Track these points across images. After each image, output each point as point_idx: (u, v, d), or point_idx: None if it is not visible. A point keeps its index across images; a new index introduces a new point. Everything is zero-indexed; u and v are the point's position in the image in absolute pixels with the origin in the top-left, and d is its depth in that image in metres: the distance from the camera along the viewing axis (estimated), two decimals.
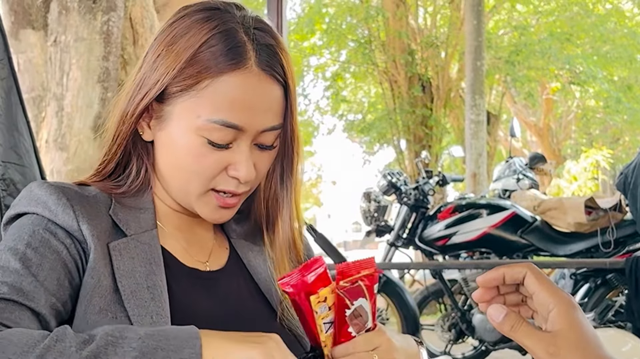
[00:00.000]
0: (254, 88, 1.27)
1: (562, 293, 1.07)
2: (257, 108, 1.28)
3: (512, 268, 1.12)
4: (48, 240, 1.22)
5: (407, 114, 15.84)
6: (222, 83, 1.26)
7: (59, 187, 1.27)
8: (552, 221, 5.69)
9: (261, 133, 1.30)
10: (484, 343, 5.77)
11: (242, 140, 1.29)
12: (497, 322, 1.08)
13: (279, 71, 1.30)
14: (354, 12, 17.04)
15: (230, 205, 1.34)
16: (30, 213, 1.26)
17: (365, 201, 6.32)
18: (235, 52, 1.26)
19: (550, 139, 20.27)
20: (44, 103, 4.96)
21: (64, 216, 1.24)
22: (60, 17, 4.91)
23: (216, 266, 1.40)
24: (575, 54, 16.89)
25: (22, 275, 1.16)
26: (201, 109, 1.26)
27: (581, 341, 1.03)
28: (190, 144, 1.28)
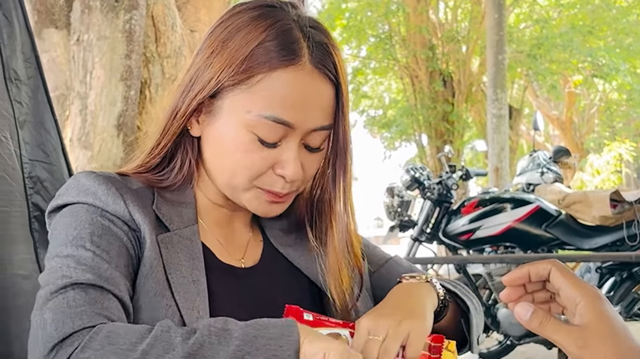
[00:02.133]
0: (307, 85, 1.27)
1: (588, 286, 1.07)
2: (309, 106, 1.28)
3: (537, 265, 1.12)
4: (109, 227, 1.23)
5: (429, 109, 15.82)
6: (275, 79, 1.25)
7: (107, 177, 1.28)
8: (577, 215, 5.66)
9: (310, 133, 1.30)
10: (509, 338, 5.74)
11: (291, 139, 1.28)
12: (524, 320, 1.07)
13: (331, 70, 1.30)
14: (374, 7, 17.00)
15: (281, 201, 1.34)
16: (81, 202, 1.26)
17: (389, 197, 6.30)
18: (289, 48, 1.26)
19: (572, 133, 20.16)
20: (68, 102, 4.99)
21: (115, 206, 1.25)
22: (82, 16, 4.94)
23: (251, 262, 1.40)
24: (598, 47, 16.78)
25: (97, 262, 1.18)
26: (252, 104, 1.26)
27: (610, 333, 1.02)
28: (239, 139, 1.27)
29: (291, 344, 1.07)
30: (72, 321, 1.09)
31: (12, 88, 1.98)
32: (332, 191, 1.39)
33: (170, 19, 5.32)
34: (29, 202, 2.01)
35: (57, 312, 1.11)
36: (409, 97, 16.63)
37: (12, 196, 1.95)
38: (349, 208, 1.41)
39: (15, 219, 1.95)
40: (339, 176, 1.38)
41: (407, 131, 17.57)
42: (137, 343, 1.05)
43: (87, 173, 1.29)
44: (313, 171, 1.36)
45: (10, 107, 1.97)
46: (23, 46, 2.08)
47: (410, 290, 1.35)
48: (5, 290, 1.87)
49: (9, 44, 2.00)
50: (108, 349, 1.05)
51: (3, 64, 1.97)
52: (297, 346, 1.07)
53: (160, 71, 5.23)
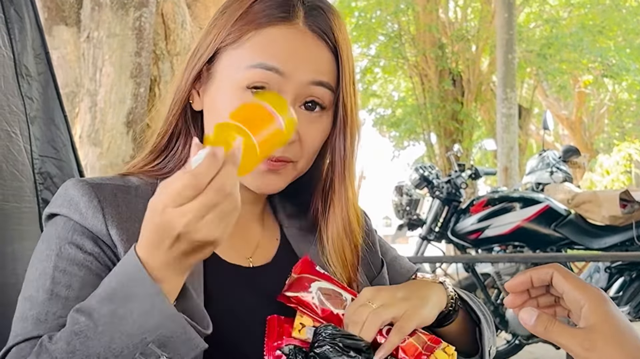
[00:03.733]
0: (298, 40, 1.25)
1: (591, 288, 1.07)
2: (301, 57, 1.24)
3: (538, 270, 1.12)
4: (74, 256, 1.19)
5: (438, 108, 15.80)
6: (265, 34, 1.24)
7: (94, 187, 1.24)
8: (586, 215, 5.65)
9: (306, 87, 1.25)
10: (518, 337, 5.73)
11: (284, 93, 1.23)
12: (530, 325, 1.08)
13: (328, 34, 1.27)
14: (383, 5, 16.99)
15: (277, 167, 1.26)
16: (62, 215, 1.23)
17: (397, 195, 6.30)
18: (283, 8, 1.25)
19: (582, 132, 20.11)
20: (78, 99, 5.00)
21: (93, 220, 1.21)
22: (93, 14, 4.94)
23: (262, 261, 1.35)
24: (608, 47, 16.74)
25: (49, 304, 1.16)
26: (242, 59, 1.24)
27: (616, 333, 1.02)
28: (232, 96, 1.24)
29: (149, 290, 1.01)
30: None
31: (23, 84, 1.99)
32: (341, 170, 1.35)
33: (180, 16, 5.33)
34: (39, 198, 2.01)
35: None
36: (418, 96, 16.61)
37: (22, 192, 1.95)
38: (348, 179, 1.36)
39: (25, 215, 1.95)
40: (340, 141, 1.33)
41: (416, 130, 17.56)
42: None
43: (76, 182, 1.25)
44: (312, 139, 1.29)
45: (22, 103, 1.97)
46: (34, 42, 2.08)
47: (420, 283, 1.35)
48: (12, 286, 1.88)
49: (20, 39, 2.00)
50: None
51: (15, 60, 1.97)
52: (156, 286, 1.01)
53: (169, 69, 5.23)
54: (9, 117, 1.93)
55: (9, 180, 1.91)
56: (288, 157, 1.26)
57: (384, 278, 1.48)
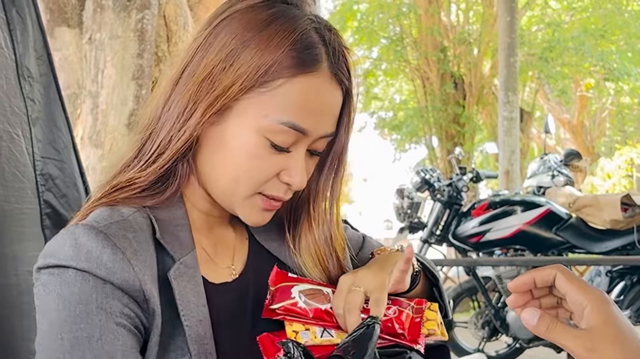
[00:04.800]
0: (325, 92, 1.22)
1: (593, 290, 1.07)
2: (324, 113, 1.23)
3: (541, 270, 1.12)
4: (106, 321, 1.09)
5: (439, 111, 15.81)
6: (296, 84, 1.18)
7: (109, 235, 1.13)
8: (587, 218, 5.64)
9: (317, 140, 1.24)
10: (518, 341, 5.73)
11: (301, 145, 1.23)
12: (532, 325, 1.08)
13: (345, 75, 1.25)
14: (385, 9, 17.00)
15: (274, 208, 1.27)
16: (80, 269, 1.10)
17: (399, 198, 6.30)
18: (311, 54, 1.20)
19: (584, 136, 20.11)
20: (79, 101, 5.00)
21: (123, 274, 1.10)
22: (95, 15, 4.95)
23: (241, 263, 1.33)
24: (610, 51, 16.74)
25: None
26: (270, 109, 1.18)
27: (618, 335, 1.02)
28: (250, 143, 1.19)
29: None
30: None
31: (25, 86, 1.99)
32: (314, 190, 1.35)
33: (182, 18, 5.33)
34: (40, 199, 2.01)
35: None
36: (420, 99, 16.62)
37: (23, 193, 1.96)
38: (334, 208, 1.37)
39: (26, 216, 1.96)
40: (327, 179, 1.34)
41: (418, 133, 17.56)
42: None
43: (86, 230, 1.13)
44: (309, 175, 1.30)
45: (24, 105, 1.98)
46: (35, 44, 2.08)
47: (385, 257, 1.37)
48: (14, 287, 1.88)
49: (21, 41, 2.01)
50: None
51: (17, 62, 1.98)
52: None
53: None
54: (11, 118, 1.93)
55: (10, 181, 1.92)
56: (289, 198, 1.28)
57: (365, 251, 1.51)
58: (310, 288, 1.26)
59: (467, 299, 6.43)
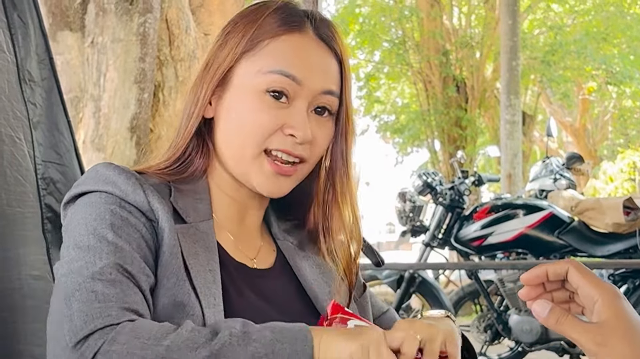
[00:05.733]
0: (312, 48, 1.36)
1: (605, 284, 1.07)
2: (315, 67, 1.34)
3: (555, 264, 1.12)
4: (127, 218, 1.24)
5: (441, 115, 15.80)
6: (282, 41, 1.34)
7: (126, 169, 1.29)
8: (589, 222, 5.64)
9: (318, 96, 1.34)
10: (521, 344, 5.72)
11: (300, 100, 1.32)
12: (542, 317, 1.08)
13: (335, 45, 1.38)
14: (387, 12, 17.00)
15: (286, 172, 1.34)
16: (100, 191, 1.26)
17: (401, 202, 6.30)
18: (295, 19, 1.36)
19: (586, 140, 20.11)
20: (82, 104, 5.00)
21: (135, 196, 1.25)
22: (97, 19, 4.96)
23: (264, 265, 1.41)
24: (612, 54, 16.74)
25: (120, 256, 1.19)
26: (261, 65, 1.32)
27: (628, 329, 1.02)
28: (249, 101, 1.32)
29: (306, 350, 1.09)
30: (101, 316, 1.10)
31: (26, 90, 1.99)
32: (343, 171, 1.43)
33: (184, 22, 5.34)
34: (41, 203, 2.01)
35: (85, 304, 1.12)
36: (422, 103, 16.61)
37: (25, 197, 1.96)
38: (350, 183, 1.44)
39: (28, 220, 1.95)
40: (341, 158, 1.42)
41: (420, 136, 17.57)
42: (162, 338, 1.08)
43: (106, 164, 1.29)
44: (322, 141, 1.37)
45: (25, 108, 1.98)
46: (37, 47, 2.08)
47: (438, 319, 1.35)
48: (17, 291, 1.88)
49: (23, 45, 2.01)
50: (134, 343, 1.07)
51: (18, 65, 1.98)
52: (311, 351, 1.09)
53: (173, 74, 5.24)
54: (13, 122, 1.93)
55: (12, 185, 1.92)
56: (303, 156, 1.34)
57: (367, 298, 1.54)
58: (361, 323, 1.28)
59: (470, 303, 6.43)
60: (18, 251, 1.90)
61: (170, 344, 1.07)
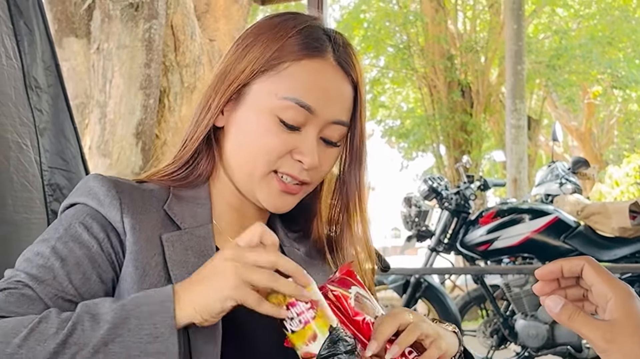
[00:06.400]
0: (330, 76, 1.35)
1: (619, 283, 1.07)
2: (330, 96, 1.34)
3: (570, 260, 1.12)
4: (80, 234, 1.25)
5: (447, 119, 15.80)
6: (302, 66, 1.33)
7: (113, 180, 1.31)
8: (595, 226, 5.63)
9: (329, 126, 1.35)
10: (527, 349, 5.71)
11: (311, 127, 1.33)
12: (554, 312, 1.08)
13: (353, 72, 1.38)
14: (392, 17, 17.02)
15: (292, 191, 1.36)
16: (80, 203, 1.30)
17: (406, 206, 6.29)
18: (316, 43, 1.35)
19: (592, 144, 20.06)
20: (87, 110, 5.02)
21: (109, 208, 1.27)
22: (102, 25, 4.97)
23: None
24: (617, 58, 16.72)
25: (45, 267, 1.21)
26: (278, 88, 1.32)
27: (638, 328, 1.03)
28: (262, 121, 1.32)
29: (165, 321, 1.07)
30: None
31: (32, 96, 2.00)
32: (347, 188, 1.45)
33: (190, 28, 5.35)
34: (48, 209, 2.02)
35: None
36: (427, 107, 16.61)
37: (32, 203, 1.96)
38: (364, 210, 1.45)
39: (34, 226, 1.96)
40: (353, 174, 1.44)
41: (425, 141, 17.54)
42: (13, 336, 1.06)
43: (96, 176, 1.32)
44: (327, 167, 1.39)
45: (31, 115, 1.99)
46: (43, 54, 2.09)
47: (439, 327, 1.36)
48: None
49: (29, 52, 2.02)
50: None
51: (24, 72, 1.99)
52: (171, 321, 1.07)
53: (179, 80, 5.25)
54: (19, 129, 1.94)
55: (19, 191, 1.93)
56: (307, 181, 1.36)
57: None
58: (367, 296, 1.29)
59: (476, 308, 6.42)
60: None
61: (20, 342, 1.05)
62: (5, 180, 1.91)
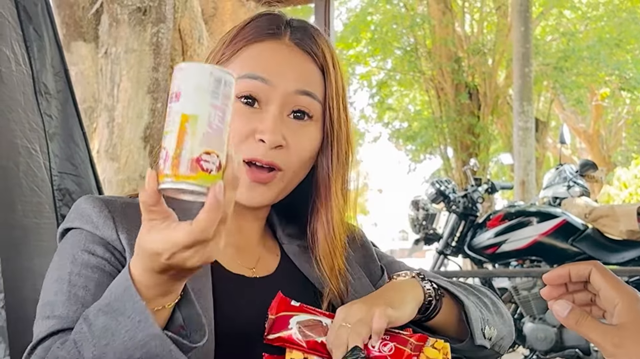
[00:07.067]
0: (285, 53, 1.33)
1: (627, 288, 1.08)
2: (286, 68, 1.32)
3: (578, 265, 1.13)
4: (88, 260, 1.26)
5: (454, 122, 15.78)
6: (254, 48, 1.33)
7: (104, 200, 1.32)
8: (603, 229, 5.62)
9: (293, 97, 1.31)
10: (535, 352, 5.70)
11: (272, 103, 1.29)
12: (562, 317, 1.08)
13: (314, 50, 1.35)
14: (399, 20, 17.02)
15: (260, 179, 1.30)
16: (75, 228, 1.31)
17: (414, 210, 6.30)
18: (271, 26, 1.35)
19: (600, 146, 20.02)
20: (95, 114, 5.03)
21: (104, 228, 1.28)
22: (110, 29, 4.98)
23: (264, 272, 1.39)
24: (625, 60, 16.70)
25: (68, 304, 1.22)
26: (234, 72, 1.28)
27: None
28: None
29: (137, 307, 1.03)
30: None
31: (42, 102, 2.01)
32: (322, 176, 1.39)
33: (197, 32, 5.36)
34: (57, 214, 2.03)
35: None
36: (435, 110, 16.61)
37: (41, 208, 1.97)
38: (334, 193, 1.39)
39: (44, 231, 1.97)
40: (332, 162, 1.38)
41: (432, 144, 17.54)
42: None
43: (87, 198, 1.33)
44: (298, 147, 1.32)
45: (41, 120, 2.00)
46: (52, 60, 2.10)
47: (393, 284, 1.37)
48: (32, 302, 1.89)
49: (39, 57, 2.03)
50: None
51: (34, 78, 2.00)
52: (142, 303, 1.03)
53: None
54: (29, 134, 1.95)
55: (28, 196, 1.94)
56: (276, 163, 1.30)
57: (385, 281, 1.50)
58: (310, 318, 1.27)
59: None
60: (34, 262, 1.91)
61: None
62: (15, 185, 1.91)
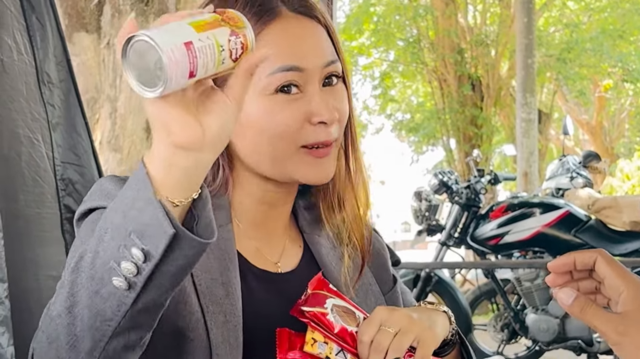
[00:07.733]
0: (295, 29, 1.27)
1: (632, 276, 1.08)
2: (309, 48, 1.27)
3: (583, 253, 1.12)
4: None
5: (457, 113, 15.75)
6: (265, 36, 1.24)
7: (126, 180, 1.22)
8: (607, 220, 5.62)
9: (324, 70, 1.28)
10: (538, 343, 5.71)
11: (309, 83, 1.26)
12: (566, 305, 1.08)
13: (315, 13, 1.30)
14: (402, 11, 16.97)
15: (325, 154, 1.27)
16: (100, 207, 1.20)
17: (417, 201, 6.30)
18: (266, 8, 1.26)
19: (603, 137, 19.99)
20: (98, 105, 5.02)
21: None
22: (113, 20, 4.97)
23: (288, 266, 1.36)
24: (628, 51, 16.65)
25: None
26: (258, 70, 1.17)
27: None
28: (262, 106, 1.24)
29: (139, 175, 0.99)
30: None
31: (45, 91, 2.01)
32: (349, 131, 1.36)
33: None
34: (60, 204, 2.03)
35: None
36: (437, 101, 16.57)
37: (44, 198, 1.97)
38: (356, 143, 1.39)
39: (47, 221, 1.97)
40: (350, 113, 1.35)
41: (435, 135, 17.51)
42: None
43: (110, 177, 1.26)
44: (344, 109, 1.31)
45: (44, 110, 2.00)
46: (55, 49, 2.10)
47: (427, 310, 1.35)
48: (35, 292, 1.89)
49: (42, 47, 2.03)
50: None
51: (37, 67, 2.00)
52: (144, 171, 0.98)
53: None
54: (31, 124, 1.95)
55: (31, 186, 1.94)
56: (335, 137, 1.28)
57: (397, 293, 1.49)
58: (345, 305, 1.25)
59: (486, 302, 6.42)
60: (36, 252, 1.92)
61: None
62: (17, 175, 1.91)
